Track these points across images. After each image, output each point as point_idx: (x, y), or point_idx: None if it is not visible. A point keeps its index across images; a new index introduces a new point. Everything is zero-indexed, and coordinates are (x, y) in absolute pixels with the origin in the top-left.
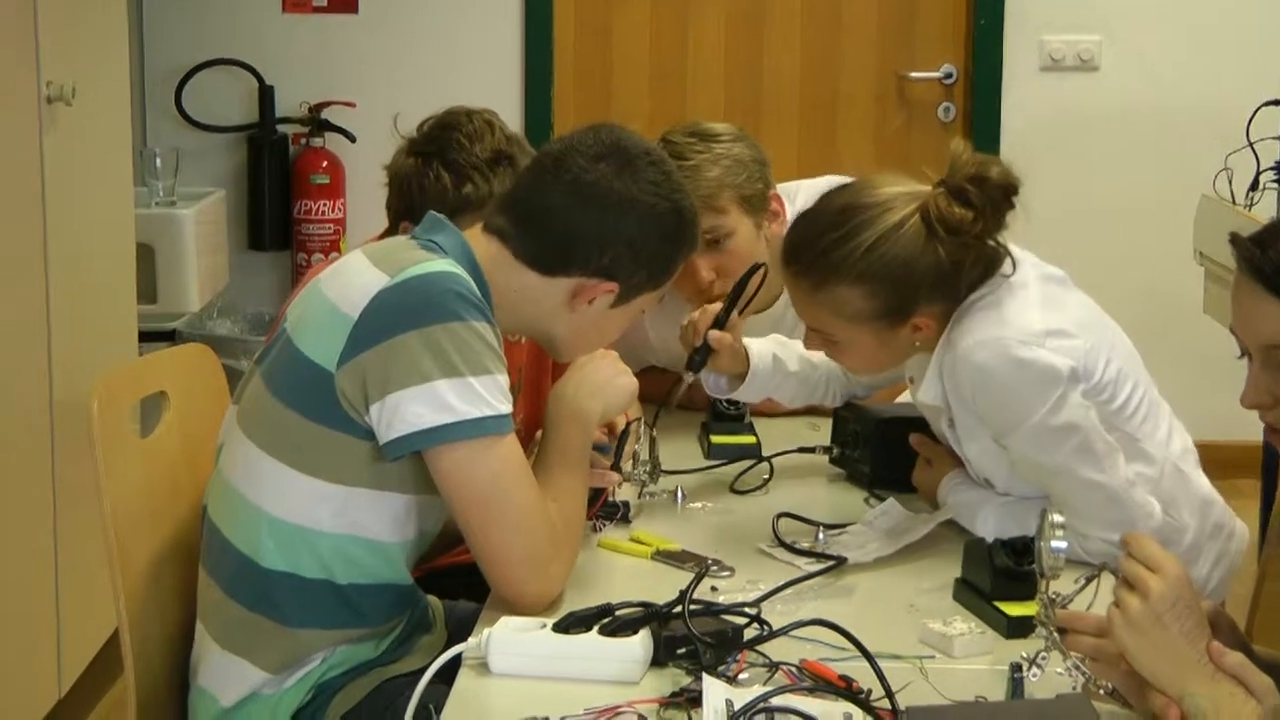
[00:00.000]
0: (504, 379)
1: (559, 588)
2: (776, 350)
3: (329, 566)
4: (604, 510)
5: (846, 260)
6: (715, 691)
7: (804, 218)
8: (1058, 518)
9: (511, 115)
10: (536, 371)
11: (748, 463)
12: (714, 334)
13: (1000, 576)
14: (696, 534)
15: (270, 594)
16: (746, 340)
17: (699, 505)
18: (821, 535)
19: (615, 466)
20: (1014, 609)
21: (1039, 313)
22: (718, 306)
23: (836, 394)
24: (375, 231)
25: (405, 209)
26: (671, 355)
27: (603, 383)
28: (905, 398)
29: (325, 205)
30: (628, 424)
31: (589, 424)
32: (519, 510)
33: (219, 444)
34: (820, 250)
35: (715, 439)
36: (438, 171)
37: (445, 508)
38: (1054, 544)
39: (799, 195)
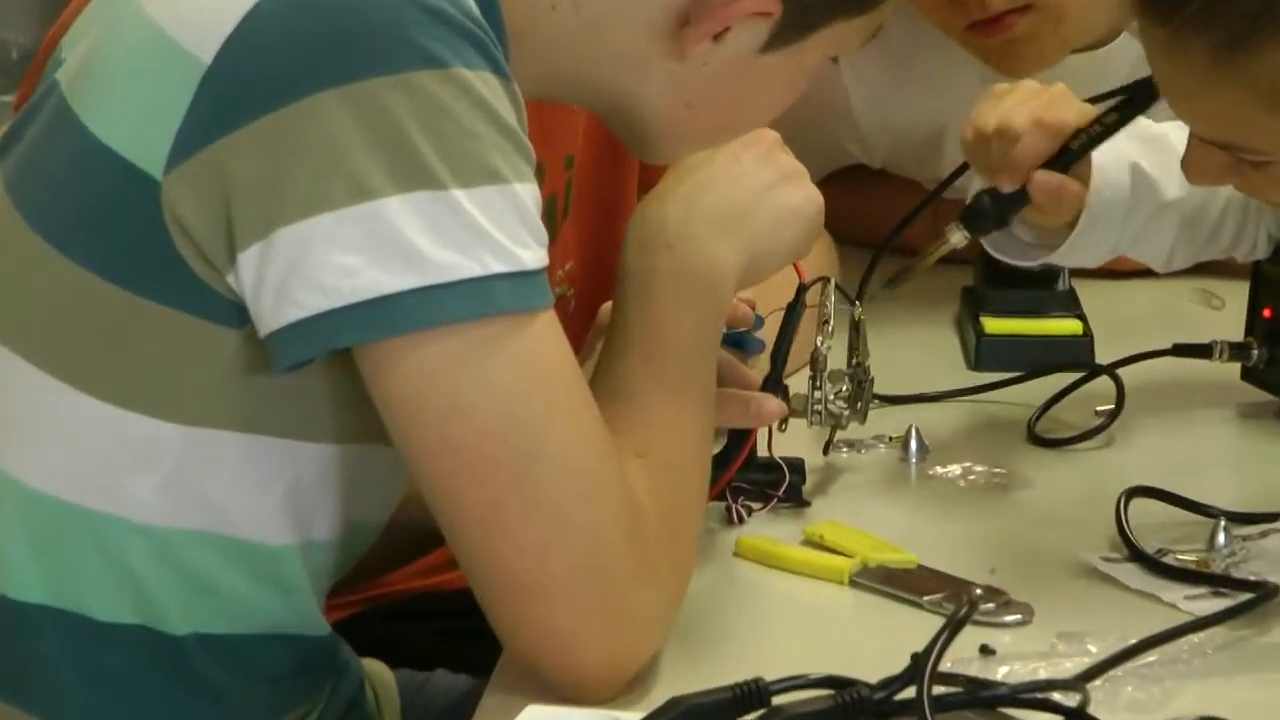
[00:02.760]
0: (532, 192)
1: (650, 642)
2: (1140, 157)
3: (152, 598)
4: (748, 478)
5: None
6: None
7: None
8: None
9: None
10: (603, 175)
11: (1065, 379)
12: (1046, 180)
13: None
14: (949, 532)
15: (28, 657)
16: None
17: (954, 470)
18: (1224, 537)
19: (773, 383)
20: None
21: None
22: (1060, 104)
23: (1258, 239)
24: None
25: None
26: (899, 146)
27: (748, 199)
28: None
29: None
30: (801, 290)
31: (717, 290)
32: (565, 474)
33: None
34: None
35: (992, 327)
36: None
37: (402, 473)
38: None
39: None
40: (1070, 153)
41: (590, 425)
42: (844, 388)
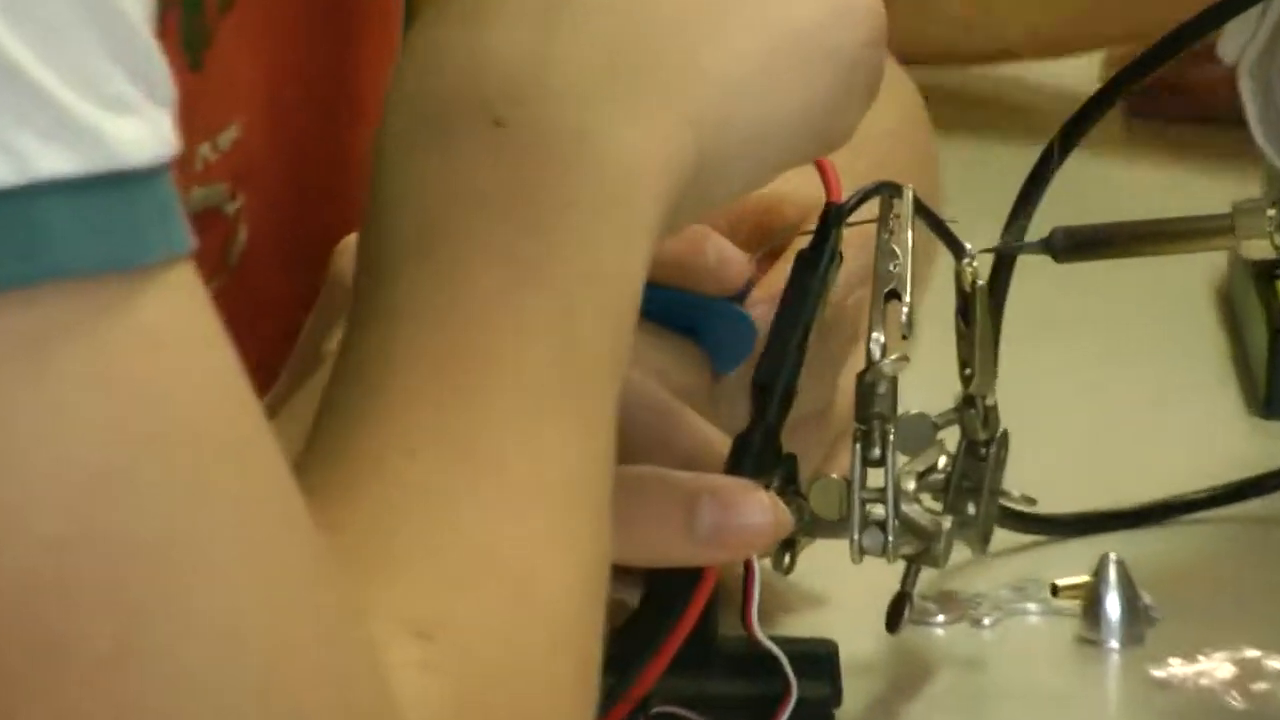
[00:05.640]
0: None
1: None
2: None
3: None
4: (699, 691)
5: None
6: None
7: None
8: None
9: None
10: None
11: None
12: None
13: None
14: None
15: None
16: None
17: (1209, 666)
18: None
19: (754, 455)
20: None
21: None
22: None
23: None
24: None
25: None
26: None
27: (698, 12)
28: None
29: None
30: (831, 218)
31: (628, 224)
32: (210, 683)
33: None
34: None
35: None
36: None
37: None
38: None
39: None
40: None
41: (283, 555)
42: (939, 463)
